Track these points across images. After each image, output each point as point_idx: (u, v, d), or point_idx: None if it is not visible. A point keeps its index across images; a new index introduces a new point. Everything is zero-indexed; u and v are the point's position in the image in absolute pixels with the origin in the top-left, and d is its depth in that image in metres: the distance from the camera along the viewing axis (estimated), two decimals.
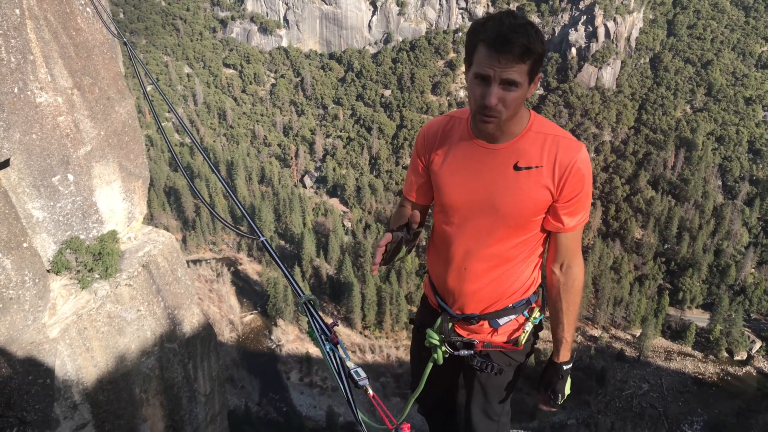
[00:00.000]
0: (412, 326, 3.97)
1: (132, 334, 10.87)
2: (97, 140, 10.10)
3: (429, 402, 4.14)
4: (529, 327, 3.50)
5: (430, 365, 3.52)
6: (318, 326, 3.04)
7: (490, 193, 3.17)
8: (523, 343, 3.50)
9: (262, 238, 3.87)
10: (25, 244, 8.73)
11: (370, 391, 2.73)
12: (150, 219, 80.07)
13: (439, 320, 3.55)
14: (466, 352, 3.43)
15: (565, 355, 3.55)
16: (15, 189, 8.89)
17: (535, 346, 3.75)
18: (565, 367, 3.58)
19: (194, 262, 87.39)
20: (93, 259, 10.17)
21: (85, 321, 9.91)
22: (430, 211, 3.72)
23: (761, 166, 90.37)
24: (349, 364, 2.78)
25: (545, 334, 3.47)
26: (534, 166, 3.05)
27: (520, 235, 3.23)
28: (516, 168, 3.08)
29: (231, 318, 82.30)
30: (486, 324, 3.50)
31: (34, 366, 8.86)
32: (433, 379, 3.62)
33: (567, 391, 3.68)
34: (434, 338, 3.48)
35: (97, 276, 10.32)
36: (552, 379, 3.62)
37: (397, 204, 3.88)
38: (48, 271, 9.70)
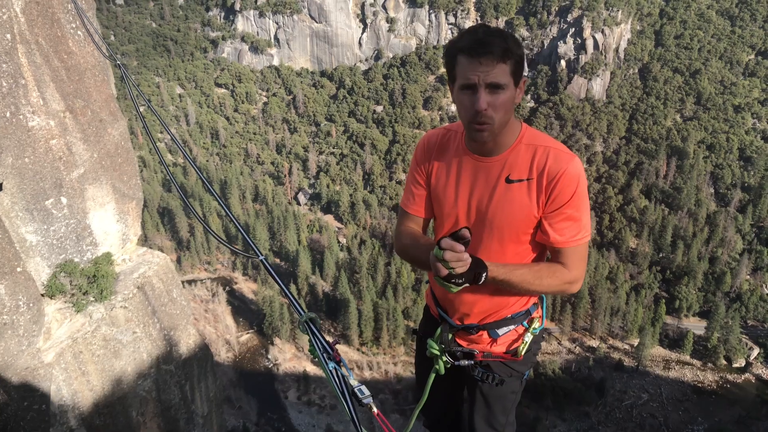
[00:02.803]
0: (416, 337, 3.96)
1: (128, 356, 10.77)
2: (90, 162, 10.07)
3: (433, 414, 4.12)
4: (528, 338, 3.48)
5: (433, 376, 3.49)
6: (320, 345, 3.01)
7: (483, 205, 3.19)
8: (522, 353, 3.47)
9: (261, 257, 3.84)
10: (18, 269, 8.66)
11: (375, 409, 2.70)
12: (144, 240, 79.69)
13: (439, 330, 3.55)
14: (467, 362, 3.41)
15: (492, 266, 2.89)
16: (8, 213, 8.84)
17: (536, 356, 3.73)
18: (484, 276, 2.79)
19: (189, 282, 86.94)
20: (88, 281, 10.10)
21: (81, 345, 9.82)
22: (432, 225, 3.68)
23: (752, 173, 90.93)
24: (353, 381, 2.75)
25: (547, 347, 3.42)
26: (525, 179, 3.06)
27: (515, 247, 3.23)
28: (508, 181, 3.10)
29: (227, 338, 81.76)
30: (485, 334, 3.50)
31: (29, 392, 8.76)
32: (436, 391, 3.61)
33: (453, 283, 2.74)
34: (435, 348, 3.48)
35: (91, 299, 10.25)
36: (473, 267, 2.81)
37: (395, 223, 3.76)
38: (42, 295, 9.62)
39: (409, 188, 3.58)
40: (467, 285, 2.72)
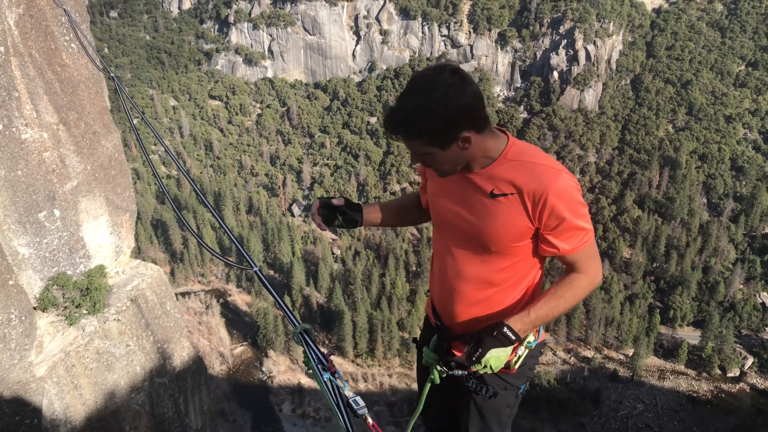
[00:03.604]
0: (416, 346, 3.96)
1: (121, 369, 10.70)
2: (83, 175, 10.05)
3: (433, 424, 4.10)
4: (522, 351, 3.42)
5: (428, 385, 3.48)
6: (314, 356, 3.00)
7: (469, 218, 3.21)
8: (515, 367, 3.43)
9: (255, 268, 3.84)
10: (10, 282, 8.61)
11: (370, 420, 2.69)
12: (138, 252, 79.40)
13: (434, 339, 3.54)
14: (461, 373, 3.38)
15: (516, 321, 3.11)
16: (0, 226, 8.81)
17: (533, 371, 3.70)
18: (505, 330, 3.07)
19: (183, 294, 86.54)
20: (80, 294, 10.05)
21: (73, 358, 9.75)
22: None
23: (744, 183, 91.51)
24: (348, 393, 2.74)
25: (542, 358, 3.40)
26: (509, 193, 3.04)
27: (505, 260, 3.23)
28: (492, 195, 3.09)
29: (221, 350, 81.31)
30: None
31: (21, 406, 8.68)
32: (435, 401, 3.60)
33: (492, 361, 3.08)
34: (430, 357, 3.47)
35: (84, 312, 10.19)
36: (485, 333, 3.11)
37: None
38: (34, 308, 9.57)
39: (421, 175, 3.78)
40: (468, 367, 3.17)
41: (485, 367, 3.09)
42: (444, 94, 2.74)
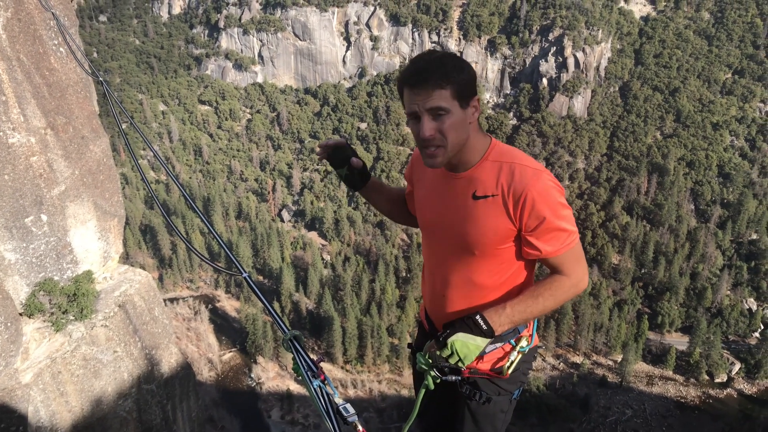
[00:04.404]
0: (411, 352, 3.96)
1: (108, 376, 10.60)
2: (71, 180, 9.97)
3: (427, 429, 4.08)
4: (514, 356, 3.43)
5: (423, 391, 3.46)
6: (304, 362, 2.98)
7: (452, 220, 3.23)
8: (508, 372, 3.42)
9: (244, 274, 3.81)
10: None
11: (360, 427, 2.67)
12: (126, 258, 78.90)
13: (427, 345, 3.54)
14: (454, 378, 3.38)
15: (490, 313, 3.12)
16: None
17: (526, 376, 3.69)
18: (477, 318, 3.09)
19: (171, 300, 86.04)
20: (67, 300, 9.96)
21: (60, 364, 9.65)
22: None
23: (731, 190, 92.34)
24: (338, 400, 2.72)
25: (537, 365, 3.38)
26: (490, 195, 3.06)
27: (488, 262, 3.23)
28: (474, 197, 3.11)
29: (210, 356, 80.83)
30: None
31: (6, 413, 8.58)
32: (430, 408, 3.58)
33: (458, 345, 3.07)
34: (422, 362, 3.47)
35: (71, 318, 10.10)
36: (457, 319, 3.18)
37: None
38: (20, 314, 9.46)
39: (408, 176, 3.82)
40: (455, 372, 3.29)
41: (452, 354, 3.08)
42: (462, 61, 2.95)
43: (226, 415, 74.33)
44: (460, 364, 3.11)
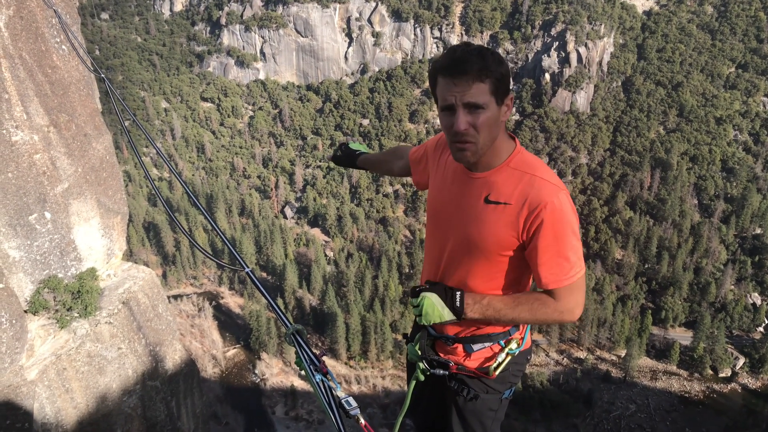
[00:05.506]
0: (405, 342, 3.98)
1: (113, 372, 10.64)
2: (74, 177, 9.99)
3: (420, 423, 4.10)
4: (502, 357, 3.40)
5: (413, 382, 3.49)
6: (306, 357, 2.99)
7: (459, 219, 3.20)
8: (494, 372, 3.39)
9: (247, 269, 3.83)
10: (1, 285, 8.56)
11: (362, 420, 2.68)
12: (129, 255, 79.00)
13: (418, 336, 3.54)
14: (441, 372, 3.39)
15: (469, 296, 3.15)
16: None
17: (517, 377, 3.64)
18: (456, 293, 3.14)
19: (175, 297, 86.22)
20: (72, 297, 9.99)
21: (64, 361, 9.69)
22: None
23: (735, 184, 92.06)
24: (340, 393, 2.74)
25: (535, 359, 3.37)
26: (502, 202, 3.02)
27: (489, 267, 3.20)
28: (486, 201, 3.08)
29: (214, 353, 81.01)
30: (460, 347, 3.48)
31: (11, 410, 8.61)
32: (422, 400, 3.59)
33: (426, 302, 3.15)
34: (412, 354, 3.48)
35: (76, 315, 10.13)
36: (439, 287, 3.21)
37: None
38: (25, 311, 9.50)
39: (419, 152, 3.78)
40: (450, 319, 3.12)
41: (418, 306, 3.15)
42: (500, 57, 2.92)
43: (230, 411, 74.57)
44: (419, 319, 3.17)
